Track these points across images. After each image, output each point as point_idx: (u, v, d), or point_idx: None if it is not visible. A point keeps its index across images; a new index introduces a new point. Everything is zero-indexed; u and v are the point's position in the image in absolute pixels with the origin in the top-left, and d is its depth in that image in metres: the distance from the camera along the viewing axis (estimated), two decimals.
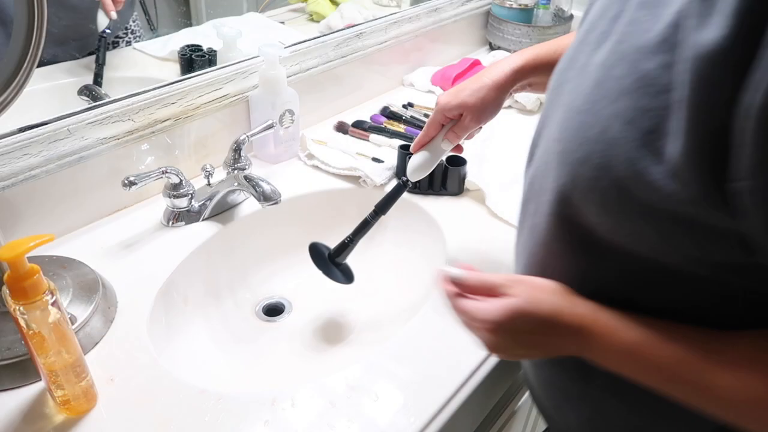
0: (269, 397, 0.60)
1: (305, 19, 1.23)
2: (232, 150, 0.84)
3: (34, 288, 0.49)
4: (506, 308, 0.47)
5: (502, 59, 0.69)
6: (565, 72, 0.48)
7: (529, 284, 0.49)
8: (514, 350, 0.49)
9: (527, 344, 0.48)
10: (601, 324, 0.45)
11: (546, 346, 0.48)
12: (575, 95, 0.43)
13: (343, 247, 0.75)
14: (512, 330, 0.47)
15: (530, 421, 1.03)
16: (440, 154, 0.71)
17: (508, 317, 0.47)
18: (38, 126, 0.70)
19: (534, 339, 0.48)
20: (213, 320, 0.80)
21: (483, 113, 0.67)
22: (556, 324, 0.46)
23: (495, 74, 0.66)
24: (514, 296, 0.47)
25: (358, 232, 0.75)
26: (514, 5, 1.35)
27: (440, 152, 0.71)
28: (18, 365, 0.58)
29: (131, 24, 0.97)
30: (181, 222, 0.81)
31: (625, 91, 0.38)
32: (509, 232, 0.85)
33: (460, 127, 0.68)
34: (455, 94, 0.67)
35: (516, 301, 0.47)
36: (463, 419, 0.64)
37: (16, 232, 0.72)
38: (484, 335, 0.49)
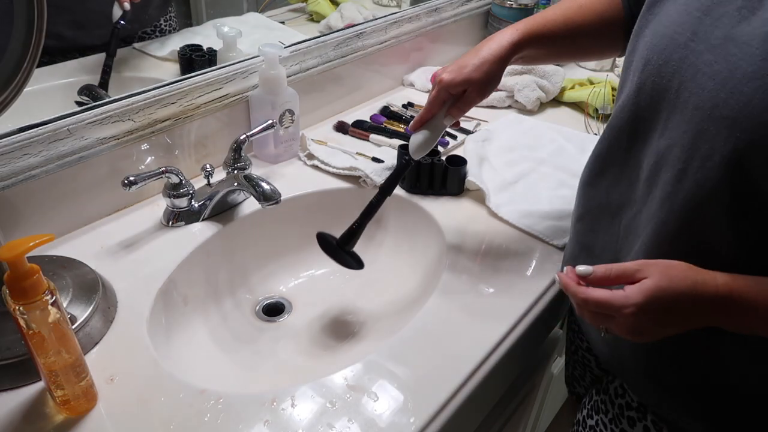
0: (269, 397, 0.60)
1: (305, 19, 1.23)
2: (232, 150, 0.84)
3: (34, 288, 0.49)
4: (646, 289, 0.49)
5: (495, 34, 0.70)
6: (688, 44, 0.50)
7: (661, 264, 0.50)
8: (656, 330, 0.51)
9: (669, 322, 0.50)
10: (740, 289, 0.48)
11: (687, 321, 0.50)
12: (733, 64, 0.46)
13: (352, 234, 0.75)
14: (654, 310, 0.49)
15: (530, 420, 1.03)
16: (441, 131, 0.72)
17: (650, 297, 0.48)
18: (38, 126, 0.70)
19: (676, 316, 0.50)
20: (213, 320, 0.80)
21: (487, 87, 0.68)
22: (696, 296, 0.49)
23: (494, 48, 0.68)
24: (651, 277, 0.49)
25: (365, 216, 0.75)
26: (514, 5, 1.35)
27: (441, 129, 0.71)
28: (18, 365, 0.58)
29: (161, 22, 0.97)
30: (181, 222, 0.81)
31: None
32: (509, 232, 0.85)
33: (465, 102, 0.69)
34: (458, 71, 0.67)
35: (654, 281, 0.49)
36: (464, 419, 0.64)
37: (16, 232, 0.72)
38: (625, 321, 0.50)
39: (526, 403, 0.96)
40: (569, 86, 1.24)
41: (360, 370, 0.63)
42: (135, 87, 0.80)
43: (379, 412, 0.59)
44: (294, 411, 0.58)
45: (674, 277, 0.49)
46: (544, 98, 1.20)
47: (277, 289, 0.88)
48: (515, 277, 0.76)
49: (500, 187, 0.93)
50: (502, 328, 0.69)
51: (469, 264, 0.79)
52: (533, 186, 0.94)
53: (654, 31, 0.54)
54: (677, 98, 0.51)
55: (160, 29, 0.98)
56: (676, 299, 0.49)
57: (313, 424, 0.57)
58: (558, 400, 1.28)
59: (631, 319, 0.49)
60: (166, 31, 0.99)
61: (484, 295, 0.73)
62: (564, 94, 1.23)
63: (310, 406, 0.59)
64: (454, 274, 0.77)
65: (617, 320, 0.51)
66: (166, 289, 0.72)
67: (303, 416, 0.58)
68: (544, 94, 1.19)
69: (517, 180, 0.96)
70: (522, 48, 0.69)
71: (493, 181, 0.94)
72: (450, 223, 0.86)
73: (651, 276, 0.49)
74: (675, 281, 0.49)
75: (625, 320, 0.50)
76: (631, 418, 0.66)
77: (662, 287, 0.48)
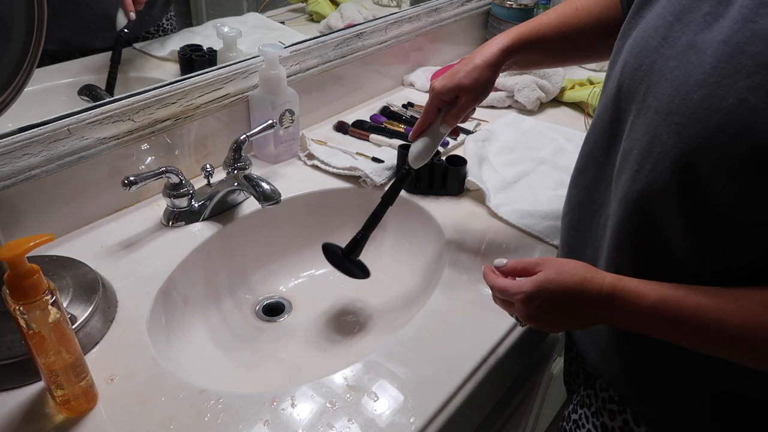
0: (269, 397, 0.60)
1: (305, 19, 1.23)
2: (232, 150, 0.84)
3: (34, 288, 0.49)
4: (536, 280, 0.55)
5: (489, 40, 0.71)
6: (658, 50, 0.51)
7: (557, 261, 0.56)
8: (546, 318, 0.56)
9: (557, 312, 0.55)
10: (627, 288, 0.52)
11: (576, 314, 0.55)
12: (690, 70, 0.47)
13: (356, 243, 0.76)
14: (543, 299, 0.54)
15: (530, 420, 1.03)
16: (439, 139, 0.73)
17: (539, 287, 0.54)
18: (38, 126, 0.70)
19: (563, 307, 0.54)
20: (213, 320, 0.80)
21: (478, 92, 0.69)
22: (583, 291, 0.53)
23: (485, 54, 0.69)
24: (544, 271, 0.55)
25: (368, 226, 0.76)
26: (514, 5, 1.35)
27: (439, 136, 0.72)
28: (18, 365, 0.58)
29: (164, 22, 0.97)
30: (181, 222, 0.81)
31: (766, 66, 0.42)
32: (509, 232, 0.85)
33: (459, 108, 0.70)
34: (450, 78, 0.69)
35: (545, 274, 0.55)
36: (464, 419, 0.64)
37: (16, 232, 0.72)
38: (518, 306, 0.56)
39: (526, 403, 0.96)
40: (569, 86, 1.24)
41: (360, 370, 0.63)
42: (135, 87, 0.80)
43: (379, 412, 0.59)
44: (294, 411, 0.58)
45: (564, 272, 0.54)
46: (544, 98, 1.20)
47: (277, 289, 0.88)
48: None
49: (500, 187, 0.93)
50: (502, 328, 0.69)
51: (469, 264, 0.79)
52: (533, 186, 0.94)
53: (635, 34, 0.55)
54: (643, 102, 0.52)
55: (163, 29, 0.98)
56: (561, 291, 0.54)
57: (313, 424, 0.57)
58: (558, 400, 1.28)
59: (521, 305, 0.56)
60: (168, 30, 0.99)
61: (484, 295, 0.73)
62: (564, 94, 1.23)
63: (310, 406, 0.59)
64: (454, 273, 0.77)
65: (515, 306, 0.57)
66: (166, 289, 0.72)
67: (303, 416, 0.58)
68: (544, 94, 1.20)
69: (517, 180, 0.96)
70: (513, 53, 0.70)
71: (493, 181, 0.94)
72: (450, 223, 0.86)
73: (544, 270, 0.55)
74: (563, 276, 0.54)
75: (518, 306, 0.56)
76: (611, 411, 0.67)
77: (550, 279, 0.54)
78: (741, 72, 0.43)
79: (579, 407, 0.73)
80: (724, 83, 0.44)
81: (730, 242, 0.48)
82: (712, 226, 0.48)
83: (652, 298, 0.50)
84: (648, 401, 0.61)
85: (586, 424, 0.70)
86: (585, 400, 0.72)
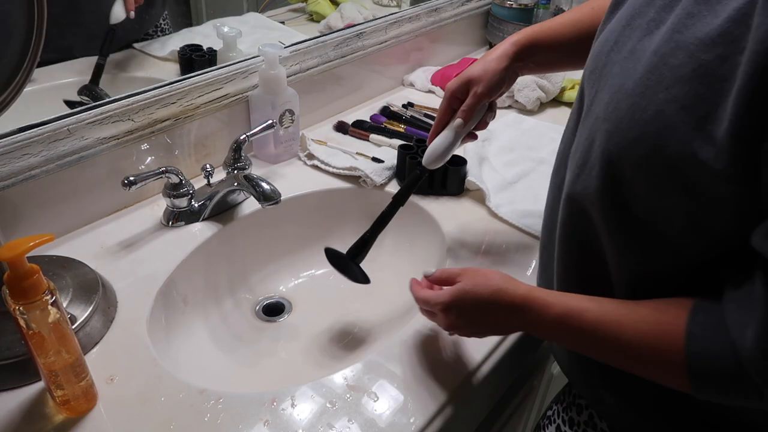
0: (269, 397, 0.60)
1: (305, 19, 1.23)
2: (232, 150, 0.84)
3: (34, 288, 0.49)
4: (453, 291, 0.57)
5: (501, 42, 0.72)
6: (609, 54, 0.51)
7: (476, 271, 0.58)
8: (465, 327, 0.59)
9: (474, 321, 0.58)
10: (537, 300, 0.53)
11: (491, 322, 0.57)
12: (625, 78, 0.47)
13: (363, 244, 0.73)
14: (459, 308, 0.57)
15: (530, 420, 1.03)
16: (455, 138, 0.71)
17: (454, 298, 0.57)
18: (38, 126, 0.70)
19: (480, 316, 0.57)
20: (213, 320, 0.80)
21: (489, 84, 0.69)
22: (496, 301, 0.55)
23: (496, 49, 0.71)
24: (462, 281, 0.57)
25: (376, 227, 0.73)
26: (514, 5, 1.35)
27: (455, 136, 0.70)
28: (18, 365, 0.58)
29: (161, 22, 0.97)
30: (181, 222, 0.81)
31: (683, 79, 0.41)
32: (509, 232, 0.85)
33: (469, 99, 0.69)
34: (460, 74, 0.70)
35: (461, 285, 0.57)
36: (464, 419, 0.64)
37: (16, 232, 0.72)
38: (438, 316, 0.59)
39: (525, 403, 0.96)
40: (569, 86, 1.24)
41: (360, 370, 0.63)
42: (135, 87, 0.80)
43: (379, 412, 0.59)
44: (294, 411, 0.58)
45: (479, 284, 0.56)
46: (544, 98, 1.20)
47: (277, 289, 0.88)
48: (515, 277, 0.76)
49: (500, 187, 0.93)
50: None
51: (469, 264, 0.79)
52: (533, 186, 0.94)
53: (600, 36, 0.55)
54: (591, 105, 0.53)
55: (161, 29, 0.98)
56: (476, 302, 0.56)
57: (313, 424, 0.57)
58: None
59: (441, 315, 0.58)
60: (167, 30, 0.99)
61: None
62: (564, 94, 1.23)
63: (310, 406, 0.59)
64: None
65: (437, 316, 0.59)
66: (166, 289, 0.72)
67: (303, 416, 0.58)
68: (544, 94, 1.19)
69: (517, 180, 0.96)
70: (526, 48, 0.69)
71: (493, 181, 0.94)
72: (450, 223, 0.86)
73: (463, 281, 0.57)
74: (478, 287, 0.56)
75: (439, 315, 0.59)
76: (579, 406, 0.67)
77: (465, 290, 0.56)
78: (661, 83, 0.43)
79: (554, 403, 0.74)
80: (646, 94, 0.44)
81: (653, 252, 0.49)
82: (637, 235, 0.49)
83: (556, 309, 0.52)
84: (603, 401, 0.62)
85: (557, 419, 0.71)
86: (560, 396, 0.73)
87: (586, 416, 0.66)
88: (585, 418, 0.66)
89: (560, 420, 0.70)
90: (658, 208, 0.46)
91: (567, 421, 0.68)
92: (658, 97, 0.43)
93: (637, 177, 0.46)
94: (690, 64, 0.41)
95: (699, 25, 0.41)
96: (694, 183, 0.42)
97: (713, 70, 0.40)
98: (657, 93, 0.43)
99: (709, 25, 0.40)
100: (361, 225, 0.76)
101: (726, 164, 0.39)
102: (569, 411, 0.69)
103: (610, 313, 0.50)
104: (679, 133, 0.42)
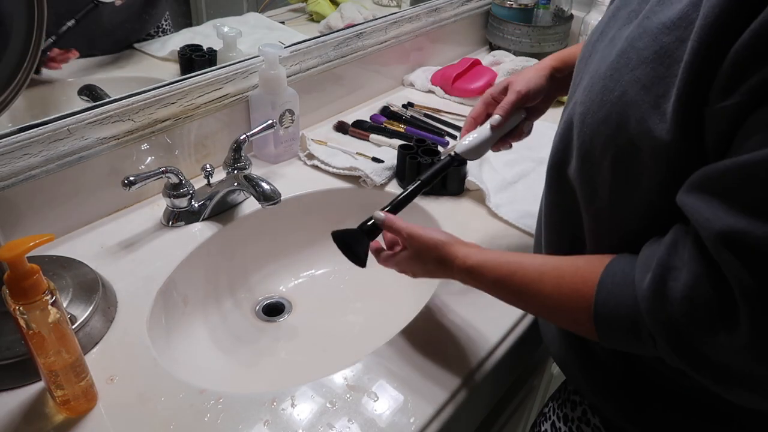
0: (269, 397, 0.60)
1: (305, 19, 1.23)
2: (232, 150, 0.84)
3: (34, 288, 0.49)
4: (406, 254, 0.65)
5: None
6: (595, 44, 0.54)
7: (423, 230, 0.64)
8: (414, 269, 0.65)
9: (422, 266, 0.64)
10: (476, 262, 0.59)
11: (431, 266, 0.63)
12: (600, 64, 0.50)
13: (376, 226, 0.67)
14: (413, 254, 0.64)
15: (530, 420, 1.03)
16: (493, 137, 0.70)
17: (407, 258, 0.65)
18: (38, 126, 0.70)
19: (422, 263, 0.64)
20: (213, 320, 0.80)
21: (528, 82, 0.70)
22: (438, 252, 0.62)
23: (536, 63, 0.74)
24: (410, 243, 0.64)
25: (397, 206, 0.69)
26: (514, 5, 1.35)
27: (492, 134, 0.70)
28: (18, 365, 0.58)
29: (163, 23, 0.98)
30: (181, 222, 0.81)
31: (645, 61, 0.44)
32: (509, 231, 0.85)
33: (511, 94, 0.70)
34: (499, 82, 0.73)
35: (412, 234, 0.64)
36: (464, 419, 0.64)
37: (16, 232, 0.72)
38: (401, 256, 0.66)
39: (525, 403, 0.96)
40: None
41: (360, 370, 0.63)
42: (135, 87, 0.80)
43: (379, 412, 0.59)
44: (294, 411, 0.58)
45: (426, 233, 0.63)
46: None
47: (277, 289, 0.88)
48: None
49: (500, 187, 0.93)
50: (502, 328, 0.69)
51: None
52: (533, 186, 0.94)
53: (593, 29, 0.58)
54: (574, 92, 0.55)
55: (163, 29, 0.98)
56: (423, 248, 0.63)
57: (313, 424, 0.57)
58: None
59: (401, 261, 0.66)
60: (168, 31, 0.99)
61: (483, 295, 0.73)
62: None
63: (310, 406, 0.59)
64: None
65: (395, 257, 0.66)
66: (166, 289, 0.72)
67: (303, 416, 0.58)
68: None
69: (517, 180, 0.96)
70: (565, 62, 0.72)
71: (493, 181, 0.94)
72: (450, 223, 0.86)
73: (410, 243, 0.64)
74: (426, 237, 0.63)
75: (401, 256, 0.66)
76: (573, 402, 0.68)
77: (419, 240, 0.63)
78: (628, 66, 0.45)
79: (550, 401, 0.74)
80: (614, 76, 0.46)
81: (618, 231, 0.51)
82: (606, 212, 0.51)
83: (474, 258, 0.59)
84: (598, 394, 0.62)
85: (552, 416, 0.71)
86: (556, 393, 0.73)
87: (579, 412, 0.66)
88: (579, 414, 0.66)
89: (555, 416, 0.70)
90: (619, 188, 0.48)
91: (561, 418, 0.69)
92: (624, 78, 0.45)
93: (604, 157, 0.48)
94: (652, 47, 0.43)
95: (665, 11, 0.44)
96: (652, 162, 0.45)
97: (672, 51, 0.42)
98: (624, 75, 0.46)
99: (672, 10, 0.43)
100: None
101: (672, 137, 0.42)
102: (564, 407, 0.69)
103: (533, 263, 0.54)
104: (639, 111, 0.44)
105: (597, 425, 0.64)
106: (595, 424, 0.64)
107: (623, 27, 0.49)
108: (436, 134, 1.05)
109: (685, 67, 0.40)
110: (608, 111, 0.47)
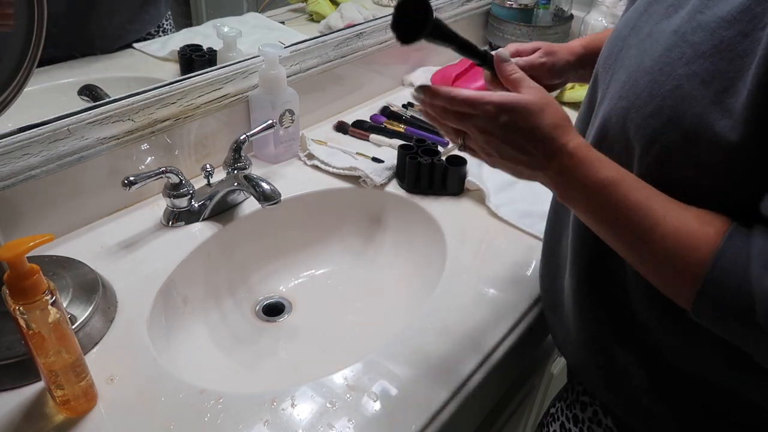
0: (269, 397, 0.60)
1: (305, 19, 1.23)
2: (232, 150, 0.84)
3: (34, 288, 0.49)
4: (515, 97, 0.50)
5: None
6: (626, 39, 0.53)
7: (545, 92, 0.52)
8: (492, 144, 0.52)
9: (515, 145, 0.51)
10: (590, 154, 0.49)
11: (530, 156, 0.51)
12: (642, 58, 0.48)
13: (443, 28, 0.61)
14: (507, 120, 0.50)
15: (531, 419, 1.03)
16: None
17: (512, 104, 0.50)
18: (38, 126, 0.70)
19: (523, 142, 0.50)
20: (213, 320, 0.80)
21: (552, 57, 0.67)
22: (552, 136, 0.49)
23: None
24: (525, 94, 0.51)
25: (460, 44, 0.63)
26: (514, 5, 1.35)
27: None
28: (18, 365, 0.58)
29: (164, 22, 0.98)
30: (181, 222, 0.81)
31: (703, 55, 0.43)
32: (509, 231, 0.85)
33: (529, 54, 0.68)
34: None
35: (527, 97, 0.51)
36: (463, 419, 0.64)
37: (16, 232, 0.72)
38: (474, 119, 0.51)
39: (525, 403, 0.96)
40: (569, 86, 1.24)
41: (360, 370, 0.63)
42: (135, 87, 0.80)
43: (379, 412, 0.59)
44: (294, 411, 0.58)
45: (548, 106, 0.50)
46: None
47: (277, 289, 0.88)
48: (515, 277, 0.76)
49: (500, 187, 0.93)
50: (502, 328, 0.69)
51: (469, 264, 0.79)
52: (533, 186, 0.94)
53: (617, 25, 0.57)
54: (607, 89, 0.54)
55: (163, 29, 0.98)
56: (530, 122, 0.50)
57: (313, 424, 0.57)
58: None
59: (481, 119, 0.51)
60: (169, 31, 0.99)
61: (483, 295, 0.73)
62: (564, 94, 1.23)
63: (310, 406, 0.59)
64: (454, 274, 0.77)
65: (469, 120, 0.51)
66: (166, 289, 0.72)
67: (303, 416, 0.58)
68: None
69: (517, 180, 0.96)
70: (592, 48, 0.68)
71: (493, 181, 0.94)
72: (450, 223, 0.86)
73: (529, 93, 0.51)
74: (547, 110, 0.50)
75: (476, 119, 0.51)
76: (583, 403, 0.67)
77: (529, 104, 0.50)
78: (681, 59, 0.45)
79: (557, 401, 0.74)
80: (665, 70, 0.46)
81: None
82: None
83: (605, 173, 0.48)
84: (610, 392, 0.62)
85: (560, 417, 0.71)
86: (563, 393, 0.73)
87: (590, 413, 0.66)
88: (590, 415, 0.66)
89: (564, 417, 0.70)
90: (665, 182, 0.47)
91: (571, 418, 0.68)
92: (677, 72, 0.45)
93: (651, 151, 0.47)
94: (711, 41, 0.43)
95: (721, 5, 0.43)
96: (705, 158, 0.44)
97: (734, 45, 0.42)
98: (676, 69, 0.45)
99: (730, 5, 0.42)
100: (361, 225, 0.76)
101: (741, 135, 0.41)
102: (573, 408, 0.69)
103: (656, 200, 0.46)
104: (697, 106, 0.43)
105: (609, 426, 0.63)
106: (607, 424, 0.63)
107: (661, 21, 0.49)
108: (436, 134, 1.05)
109: (759, 65, 0.40)
110: (659, 105, 0.46)
